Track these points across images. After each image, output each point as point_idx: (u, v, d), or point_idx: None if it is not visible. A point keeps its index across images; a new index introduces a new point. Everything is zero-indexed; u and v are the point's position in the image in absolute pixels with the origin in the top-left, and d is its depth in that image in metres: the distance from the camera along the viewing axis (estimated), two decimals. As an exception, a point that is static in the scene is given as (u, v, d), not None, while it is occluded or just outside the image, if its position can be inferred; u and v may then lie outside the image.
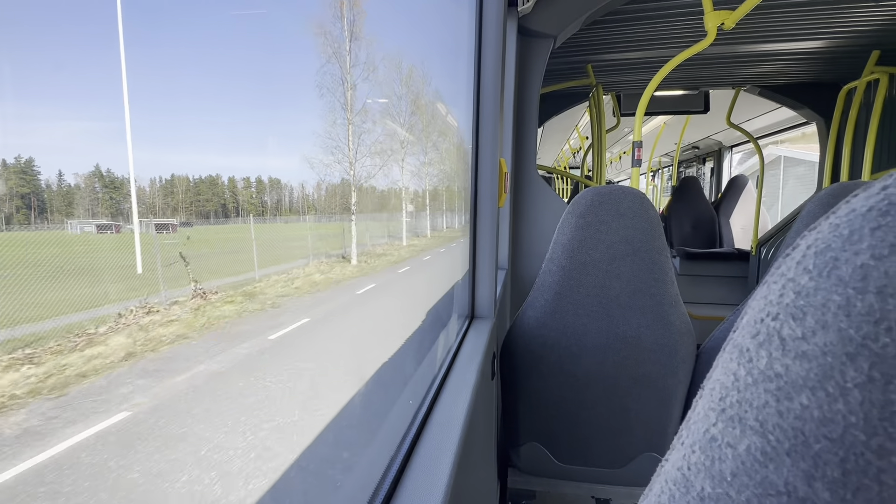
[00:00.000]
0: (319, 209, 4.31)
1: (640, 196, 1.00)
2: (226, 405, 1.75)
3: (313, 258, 3.86)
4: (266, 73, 4.39)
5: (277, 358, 2.23)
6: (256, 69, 4.18)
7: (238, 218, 4.11)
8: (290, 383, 2.03)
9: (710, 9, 1.44)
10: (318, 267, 3.82)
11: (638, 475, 1.13)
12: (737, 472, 0.13)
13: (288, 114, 5.39)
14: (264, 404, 1.79)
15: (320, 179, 3.77)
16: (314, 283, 3.55)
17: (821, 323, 0.12)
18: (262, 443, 1.53)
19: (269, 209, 4.35)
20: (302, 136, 5.11)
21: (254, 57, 4.04)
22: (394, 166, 4.70)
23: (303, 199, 4.48)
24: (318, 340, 2.65)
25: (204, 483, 1.31)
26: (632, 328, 1.01)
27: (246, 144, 4.21)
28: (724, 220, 3.77)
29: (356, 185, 3.92)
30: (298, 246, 4.11)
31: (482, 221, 1.05)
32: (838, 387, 0.11)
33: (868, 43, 2.03)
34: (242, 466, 1.41)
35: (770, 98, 2.79)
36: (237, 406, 1.77)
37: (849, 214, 0.12)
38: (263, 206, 4.48)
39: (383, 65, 3.81)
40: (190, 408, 1.65)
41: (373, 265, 4.37)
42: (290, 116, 5.29)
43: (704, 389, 0.16)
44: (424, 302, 1.19)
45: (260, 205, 4.51)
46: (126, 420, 1.47)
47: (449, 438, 0.53)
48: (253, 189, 4.48)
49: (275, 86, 4.47)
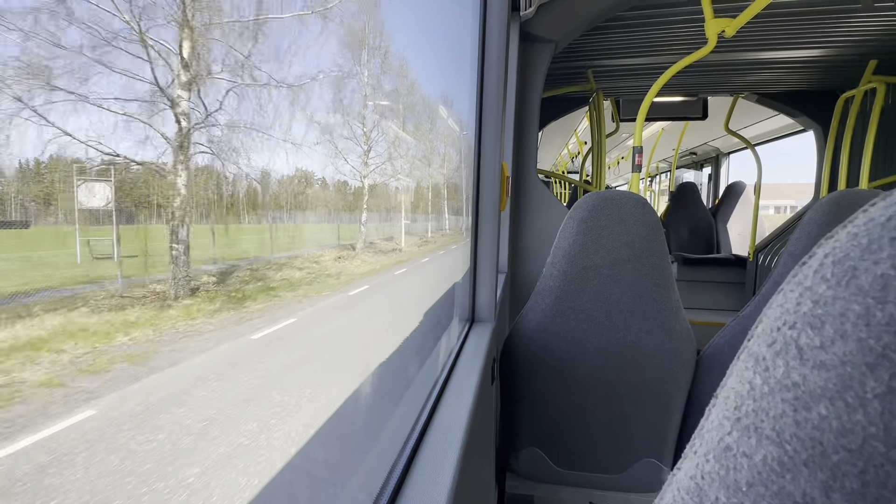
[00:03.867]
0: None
1: (642, 201, 1.00)
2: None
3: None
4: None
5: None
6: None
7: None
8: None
9: (710, 16, 1.45)
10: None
11: (636, 481, 1.12)
12: (753, 483, 0.13)
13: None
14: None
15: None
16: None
17: (840, 332, 0.12)
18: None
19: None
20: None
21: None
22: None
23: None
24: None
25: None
26: (632, 333, 1.01)
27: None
28: (722, 226, 3.79)
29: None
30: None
31: (484, 225, 1.05)
32: (857, 397, 0.11)
33: (866, 52, 2.05)
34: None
35: (768, 105, 2.81)
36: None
37: (867, 224, 0.12)
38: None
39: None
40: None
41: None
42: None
43: (718, 398, 0.16)
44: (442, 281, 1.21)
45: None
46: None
47: (451, 444, 0.53)
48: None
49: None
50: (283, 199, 2.22)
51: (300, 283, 2.13)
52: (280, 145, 2.33)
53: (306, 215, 2.53)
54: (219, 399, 1.23)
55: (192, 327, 1.22)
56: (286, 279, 1.98)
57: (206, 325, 1.28)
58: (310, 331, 1.84)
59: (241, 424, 1.20)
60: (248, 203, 1.64)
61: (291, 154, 2.49)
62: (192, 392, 1.18)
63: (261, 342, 1.49)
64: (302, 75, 3.12)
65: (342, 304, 2.40)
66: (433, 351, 0.98)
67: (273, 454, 1.13)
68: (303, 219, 2.48)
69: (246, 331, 1.45)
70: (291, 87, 2.49)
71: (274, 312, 1.65)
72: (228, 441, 1.11)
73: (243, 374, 1.38)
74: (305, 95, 2.91)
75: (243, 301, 1.54)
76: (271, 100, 1.98)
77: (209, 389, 1.22)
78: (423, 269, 3.99)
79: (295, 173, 2.34)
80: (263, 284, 1.76)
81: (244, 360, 1.42)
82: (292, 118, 2.47)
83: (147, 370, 1.07)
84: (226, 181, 1.44)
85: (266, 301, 1.67)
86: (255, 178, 1.66)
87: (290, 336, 1.68)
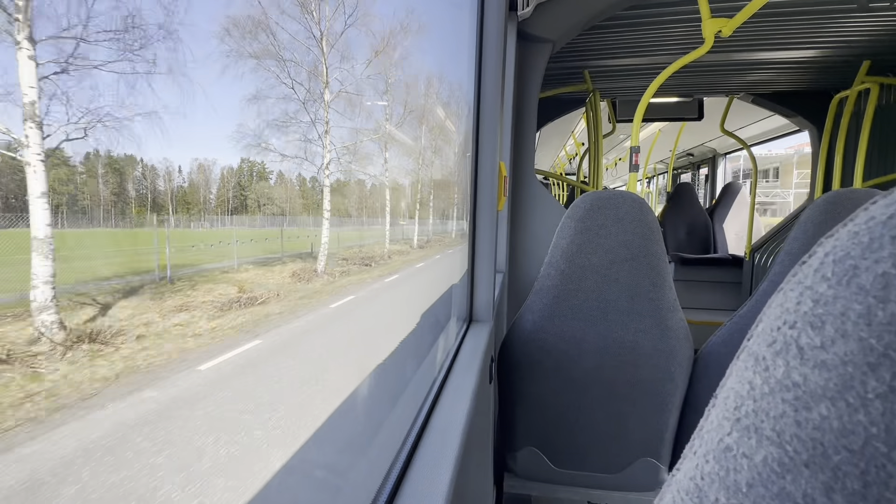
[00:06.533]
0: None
1: (640, 201, 1.01)
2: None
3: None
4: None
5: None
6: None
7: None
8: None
9: (707, 16, 1.45)
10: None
11: (634, 481, 1.13)
12: (753, 483, 0.13)
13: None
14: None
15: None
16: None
17: (840, 332, 0.12)
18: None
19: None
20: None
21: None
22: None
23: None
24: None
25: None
26: (630, 333, 1.02)
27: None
28: (718, 226, 3.80)
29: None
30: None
31: (481, 224, 1.05)
32: (859, 397, 0.11)
33: (860, 53, 2.06)
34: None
35: (763, 106, 2.82)
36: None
37: (868, 222, 0.12)
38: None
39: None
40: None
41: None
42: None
43: (718, 398, 0.16)
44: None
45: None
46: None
47: (449, 444, 0.53)
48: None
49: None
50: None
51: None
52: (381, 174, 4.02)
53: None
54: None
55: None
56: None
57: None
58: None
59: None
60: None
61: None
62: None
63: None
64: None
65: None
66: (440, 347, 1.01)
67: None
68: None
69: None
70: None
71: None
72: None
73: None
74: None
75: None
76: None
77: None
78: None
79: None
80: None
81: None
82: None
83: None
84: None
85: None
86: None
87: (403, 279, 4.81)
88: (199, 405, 1.71)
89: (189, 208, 6.88)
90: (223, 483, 1.42)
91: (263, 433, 1.65)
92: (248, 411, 1.76)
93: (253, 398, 1.91)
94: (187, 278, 2.51)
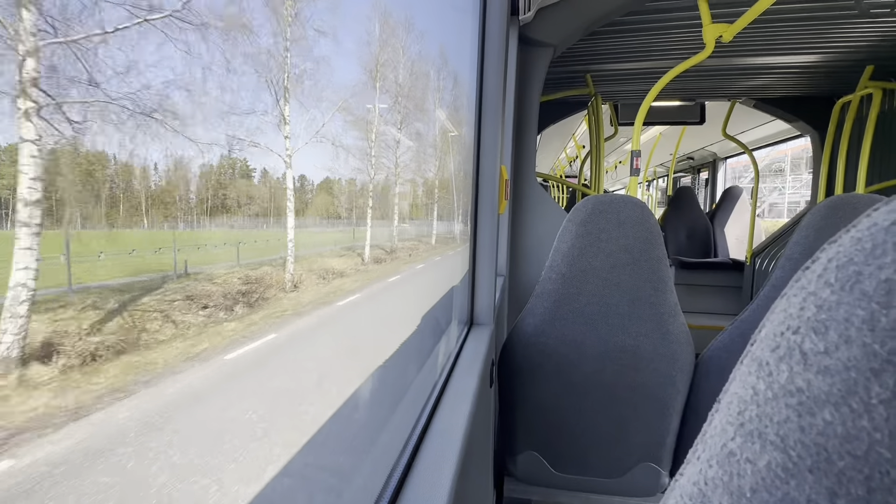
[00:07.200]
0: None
1: (641, 205, 1.01)
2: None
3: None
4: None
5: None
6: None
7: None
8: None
9: (708, 21, 1.46)
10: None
11: (634, 485, 1.12)
12: (756, 489, 0.13)
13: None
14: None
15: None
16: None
17: (844, 337, 0.12)
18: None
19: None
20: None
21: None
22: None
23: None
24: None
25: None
26: (631, 337, 1.01)
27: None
28: (719, 230, 3.80)
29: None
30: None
31: (482, 228, 1.05)
32: (862, 403, 0.11)
33: (862, 58, 2.06)
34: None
35: (765, 110, 2.82)
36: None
37: (871, 228, 0.12)
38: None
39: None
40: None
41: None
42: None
43: (721, 403, 0.16)
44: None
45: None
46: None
47: (450, 447, 0.53)
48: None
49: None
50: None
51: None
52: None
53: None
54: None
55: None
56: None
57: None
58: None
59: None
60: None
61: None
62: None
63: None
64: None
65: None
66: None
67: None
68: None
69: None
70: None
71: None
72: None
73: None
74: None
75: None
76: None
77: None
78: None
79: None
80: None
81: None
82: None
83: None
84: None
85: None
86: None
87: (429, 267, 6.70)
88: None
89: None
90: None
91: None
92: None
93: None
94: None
